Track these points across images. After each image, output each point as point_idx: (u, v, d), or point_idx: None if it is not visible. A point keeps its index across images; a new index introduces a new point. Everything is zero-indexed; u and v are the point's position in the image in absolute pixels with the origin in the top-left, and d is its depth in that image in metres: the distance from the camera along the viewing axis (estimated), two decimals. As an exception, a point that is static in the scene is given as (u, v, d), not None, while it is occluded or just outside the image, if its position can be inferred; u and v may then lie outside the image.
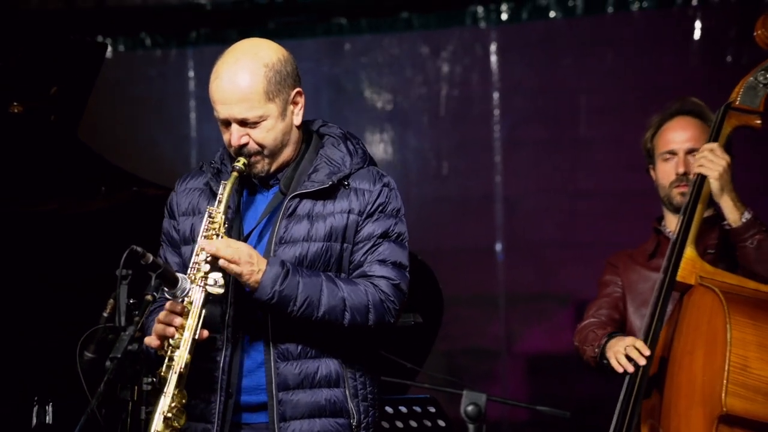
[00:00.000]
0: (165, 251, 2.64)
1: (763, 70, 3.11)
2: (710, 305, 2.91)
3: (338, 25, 5.54)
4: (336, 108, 5.44)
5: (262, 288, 2.44)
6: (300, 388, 2.50)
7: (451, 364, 5.28)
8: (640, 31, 5.17)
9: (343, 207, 2.55)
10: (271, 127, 2.54)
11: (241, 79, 2.50)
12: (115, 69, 5.40)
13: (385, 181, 2.59)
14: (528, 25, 5.28)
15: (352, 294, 2.49)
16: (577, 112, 5.22)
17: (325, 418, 2.51)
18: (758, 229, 3.07)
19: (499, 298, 5.29)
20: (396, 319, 2.55)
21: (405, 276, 2.56)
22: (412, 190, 5.39)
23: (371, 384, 2.58)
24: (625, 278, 3.31)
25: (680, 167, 3.25)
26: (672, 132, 3.29)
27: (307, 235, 2.53)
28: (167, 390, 2.38)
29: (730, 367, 2.80)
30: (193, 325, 2.43)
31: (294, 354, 2.51)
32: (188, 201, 2.62)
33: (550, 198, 5.25)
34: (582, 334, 3.24)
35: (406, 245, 2.60)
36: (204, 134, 5.59)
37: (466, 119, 5.37)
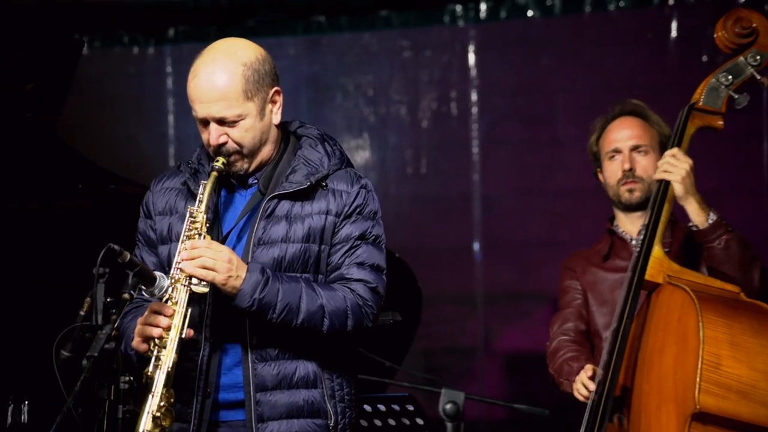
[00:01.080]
0: (141, 251, 2.63)
1: (725, 71, 3.14)
2: (680, 303, 2.92)
3: (317, 23, 5.53)
4: (315, 106, 5.43)
5: (242, 296, 2.45)
6: (278, 389, 2.50)
7: (430, 363, 5.28)
8: (618, 30, 5.20)
9: (321, 208, 2.55)
10: (250, 126, 2.54)
11: (219, 78, 2.50)
12: (93, 66, 5.37)
13: (362, 182, 2.60)
14: (506, 23, 5.29)
15: (330, 300, 2.49)
16: (555, 111, 5.24)
17: (303, 419, 2.51)
18: (724, 229, 3.10)
19: (477, 297, 5.30)
20: (374, 323, 2.56)
21: (382, 279, 2.57)
22: (391, 188, 5.39)
23: (348, 385, 2.59)
24: (584, 281, 3.35)
25: (626, 164, 3.30)
26: (615, 132, 3.34)
27: (286, 237, 2.53)
28: (155, 389, 2.38)
29: (702, 365, 2.81)
30: (179, 324, 2.42)
31: (272, 355, 2.51)
32: (165, 201, 2.62)
33: (529, 197, 5.27)
34: (555, 362, 3.28)
35: (383, 248, 2.61)
36: (182, 132, 5.57)
37: (445, 118, 5.38)
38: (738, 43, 3.15)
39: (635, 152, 3.31)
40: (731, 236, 3.10)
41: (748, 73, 3.12)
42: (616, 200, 3.35)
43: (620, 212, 3.36)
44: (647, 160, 3.29)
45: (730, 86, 3.13)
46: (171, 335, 2.41)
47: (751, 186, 4.90)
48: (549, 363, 3.31)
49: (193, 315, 2.45)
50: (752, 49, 3.13)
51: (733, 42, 3.15)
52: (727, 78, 3.13)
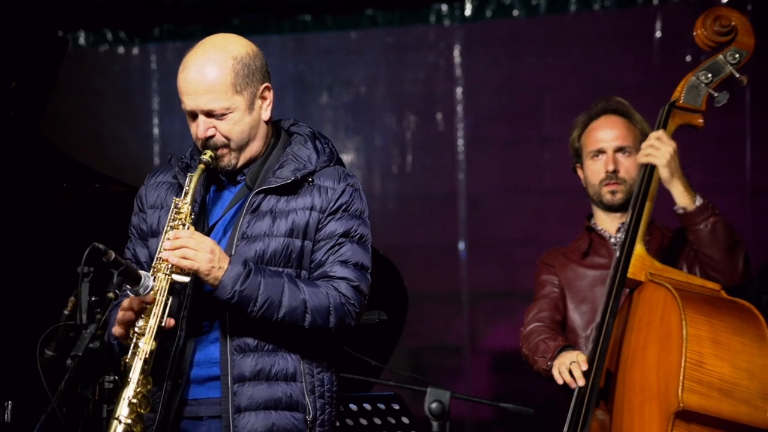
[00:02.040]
0: (134, 245, 2.63)
1: (705, 69, 3.15)
2: (663, 301, 2.92)
3: (303, 21, 5.53)
4: (301, 104, 5.43)
5: (223, 287, 2.44)
6: (256, 380, 2.50)
7: (416, 362, 5.28)
8: (602, 29, 5.21)
9: (305, 203, 2.55)
10: (238, 119, 2.54)
11: (208, 71, 2.51)
12: (78, 65, 5.35)
13: (350, 181, 2.59)
14: (492, 23, 5.30)
15: (313, 296, 2.49)
16: (540, 110, 5.25)
17: (281, 411, 2.50)
18: (711, 212, 3.11)
19: (463, 296, 5.30)
20: (357, 322, 2.55)
21: (366, 278, 2.56)
22: (376, 187, 5.39)
23: (330, 381, 2.57)
24: (562, 277, 3.34)
25: (609, 165, 3.30)
26: (600, 131, 3.34)
27: (269, 231, 2.52)
28: (132, 376, 2.39)
29: (686, 364, 2.81)
30: (159, 312, 2.43)
31: (251, 347, 2.51)
32: (156, 194, 2.62)
33: (514, 196, 5.28)
34: (530, 342, 3.26)
35: (369, 247, 2.60)
36: (167, 130, 5.56)
37: (430, 117, 5.38)
38: (717, 41, 3.16)
39: (619, 153, 3.32)
40: (717, 219, 3.10)
41: (727, 71, 3.14)
42: (597, 200, 3.36)
43: (600, 210, 3.37)
44: (630, 162, 3.30)
45: (709, 84, 3.14)
46: (150, 323, 2.41)
47: (735, 185, 4.92)
48: (523, 345, 3.28)
49: (171, 305, 2.45)
50: (731, 47, 3.15)
51: (712, 40, 3.16)
52: (707, 76, 3.14)
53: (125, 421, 2.37)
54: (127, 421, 2.37)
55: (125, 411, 2.37)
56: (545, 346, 3.18)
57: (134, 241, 2.64)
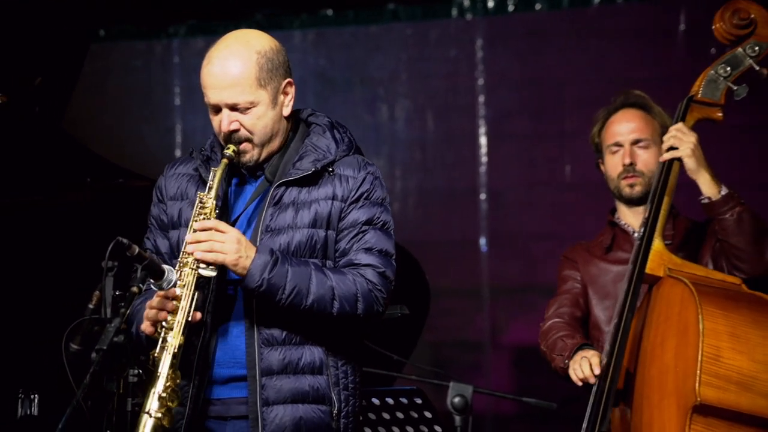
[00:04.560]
0: (154, 236, 2.63)
1: (723, 63, 3.13)
2: (680, 296, 2.91)
3: (324, 16, 5.52)
4: (322, 99, 5.42)
5: (251, 275, 2.44)
6: (283, 374, 2.50)
7: (437, 356, 5.27)
8: (626, 23, 5.18)
9: (327, 193, 2.55)
10: (262, 114, 2.54)
11: (232, 65, 2.51)
12: (101, 60, 5.37)
13: (370, 169, 2.59)
14: (514, 16, 5.27)
15: (340, 283, 2.49)
16: (562, 104, 5.22)
17: (307, 404, 2.51)
18: (737, 201, 3.09)
19: (484, 291, 5.29)
20: (385, 308, 2.55)
21: (391, 264, 2.56)
22: (397, 182, 5.38)
23: (353, 373, 2.58)
24: (585, 272, 3.33)
25: (626, 158, 3.28)
26: (617, 124, 3.33)
27: (292, 223, 2.52)
28: (161, 370, 2.39)
29: (703, 358, 2.80)
30: (186, 306, 2.43)
31: (278, 340, 2.51)
32: (177, 186, 2.62)
33: (535, 191, 5.26)
34: (548, 339, 3.25)
35: (392, 234, 2.60)
36: (189, 125, 5.57)
37: (452, 111, 5.36)
38: (736, 34, 3.13)
39: (636, 146, 3.30)
40: (743, 208, 3.08)
41: (746, 64, 3.11)
42: (617, 194, 3.34)
43: (622, 205, 3.35)
44: (648, 154, 3.28)
45: (728, 78, 3.12)
46: (178, 318, 2.41)
47: (759, 181, 4.88)
48: (541, 341, 3.28)
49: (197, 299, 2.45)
50: (750, 40, 3.12)
51: (731, 33, 3.14)
52: (726, 69, 3.12)
53: (155, 415, 2.37)
54: (157, 415, 2.37)
55: (155, 405, 2.38)
56: (563, 344, 3.18)
57: (154, 231, 2.63)
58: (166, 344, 2.41)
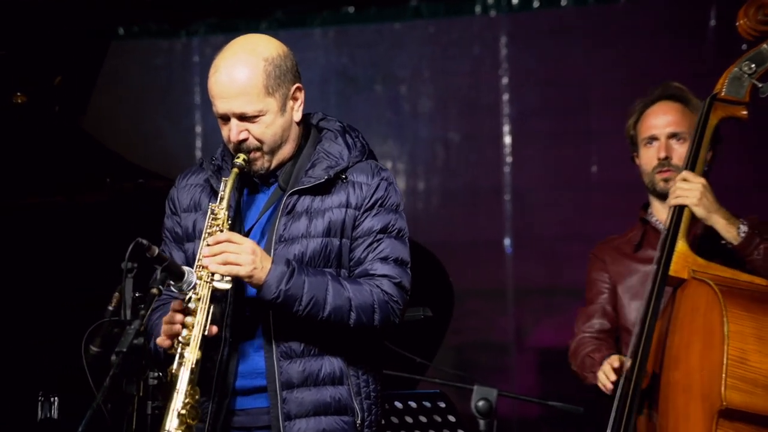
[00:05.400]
0: (170, 248, 2.62)
1: (748, 60, 3.09)
2: (705, 299, 2.88)
3: (346, 14, 5.50)
4: (344, 98, 5.40)
5: (267, 287, 2.42)
6: (304, 386, 2.48)
7: (461, 359, 5.25)
8: (653, 19, 5.12)
9: (341, 201, 2.53)
10: (271, 122, 2.52)
11: (239, 73, 2.48)
12: (121, 58, 5.36)
13: (383, 175, 2.57)
14: (539, 13, 5.24)
15: (357, 294, 2.47)
16: (588, 102, 5.19)
17: (330, 416, 2.49)
18: (759, 239, 3.04)
19: (508, 292, 5.26)
20: (401, 319, 2.53)
21: (407, 273, 2.55)
22: (420, 182, 5.36)
23: (374, 381, 2.56)
24: (613, 272, 3.29)
25: (661, 152, 3.23)
26: (653, 117, 3.27)
27: (306, 232, 2.51)
28: (179, 387, 2.37)
29: (728, 361, 2.77)
30: (202, 321, 2.41)
31: (297, 352, 2.49)
32: (189, 197, 2.61)
33: (560, 190, 5.22)
34: (578, 358, 3.23)
35: (407, 241, 2.59)
36: (209, 125, 5.57)
37: (475, 110, 5.33)
38: (761, 30, 3.10)
39: (673, 140, 3.24)
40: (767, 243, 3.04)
41: None
42: (651, 188, 3.28)
43: (655, 200, 3.30)
44: (684, 149, 3.21)
45: (753, 75, 3.08)
46: (194, 332, 2.40)
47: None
48: (571, 362, 3.27)
49: (214, 313, 2.43)
50: None
51: (756, 29, 3.11)
52: (750, 67, 3.08)
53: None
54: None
55: (175, 423, 2.36)
56: (591, 361, 3.16)
57: (169, 244, 2.62)
58: (183, 360, 2.39)
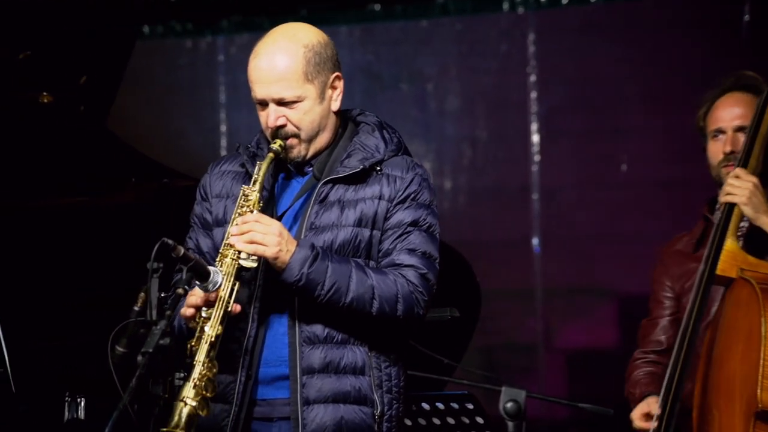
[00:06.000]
0: (197, 234, 2.61)
1: None
2: (746, 299, 2.85)
3: (371, 11, 5.50)
4: (369, 96, 5.39)
5: (290, 269, 2.42)
6: (325, 373, 2.47)
7: (489, 360, 5.22)
8: (684, 14, 5.06)
9: (374, 193, 2.53)
10: (309, 109, 2.52)
11: (279, 59, 2.49)
12: (145, 58, 5.36)
13: (418, 170, 2.56)
14: (567, 9, 5.20)
15: (381, 283, 2.46)
16: (617, 99, 5.14)
17: (349, 404, 2.47)
18: None
19: (537, 292, 5.22)
20: (425, 311, 2.52)
21: (434, 267, 2.53)
22: (447, 181, 5.34)
23: (397, 376, 2.53)
24: (674, 275, 3.22)
25: (727, 146, 3.12)
26: (721, 109, 3.16)
27: (337, 222, 2.50)
28: (198, 358, 2.36)
29: (764, 362, 2.73)
30: (225, 297, 2.40)
31: (320, 338, 2.48)
32: (222, 184, 2.61)
33: (589, 189, 5.19)
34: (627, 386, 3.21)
35: (437, 237, 2.57)
36: (234, 124, 5.57)
37: (503, 108, 5.31)
38: None
39: (740, 133, 3.11)
40: None
41: None
42: (718, 182, 3.17)
43: None
44: None
45: None
46: (217, 308, 2.39)
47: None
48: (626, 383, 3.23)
49: (241, 295, 2.43)
50: None
51: None
52: None
53: (190, 403, 2.33)
54: (193, 404, 2.33)
55: (190, 393, 2.33)
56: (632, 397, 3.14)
57: (197, 230, 2.61)
58: (203, 334, 2.37)
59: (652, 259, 3.29)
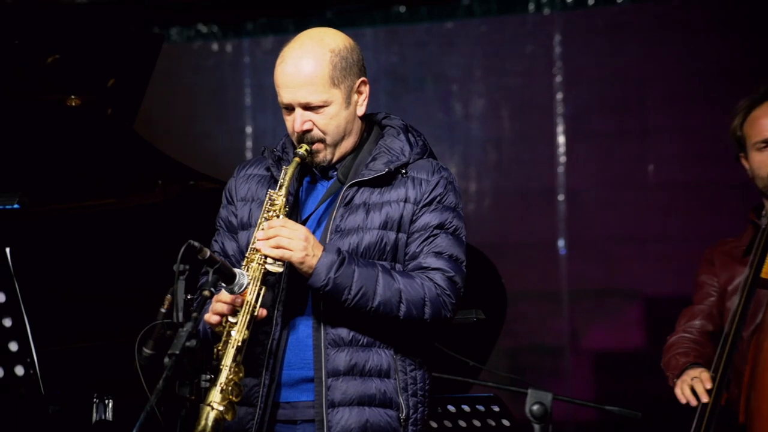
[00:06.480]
0: (222, 238, 2.62)
1: None
2: None
3: (397, 13, 5.49)
4: (393, 98, 5.38)
5: (317, 274, 2.42)
6: (350, 375, 2.47)
7: (515, 362, 5.20)
8: (712, 13, 5.02)
9: (399, 196, 2.53)
10: (335, 113, 2.52)
11: (306, 64, 2.50)
12: (171, 60, 5.39)
13: (444, 173, 2.56)
14: (593, 10, 5.17)
15: (408, 286, 2.46)
16: (644, 100, 5.10)
17: (374, 407, 2.48)
18: None
19: (563, 294, 5.19)
20: (453, 314, 2.51)
21: (461, 270, 2.53)
22: (472, 182, 5.32)
23: (422, 379, 2.54)
24: (723, 277, 3.18)
25: None
26: (764, 119, 3.10)
27: (363, 224, 2.51)
28: (224, 363, 2.37)
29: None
30: (252, 301, 2.41)
31: (345, 341, 2.48)
32: (247, 187, 2.61)
33: (616, 191, 5.16)
34: (667, 356, 3.16)
35: (463, 240, 2.56)
36: (259, 126, 5.58)
37: (528, 109, 5.28)
38: None
39: None
40: None
41: None
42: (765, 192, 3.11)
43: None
44: None
45: None
46: (243, 313, 2.40)
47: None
48: (663, 355, 3.18)
49: (266, 298, 2.44)
50: None
51: None
52: None
53: (217, 408, 2.34)
54: (219, 408, 2.34)
55: (217, 397, 2.34)
56: (675, 362, 3.08)
57: (222, 233, 2.62)
58: (230, 338, 2.38)
59: (679, 260, 3.27)
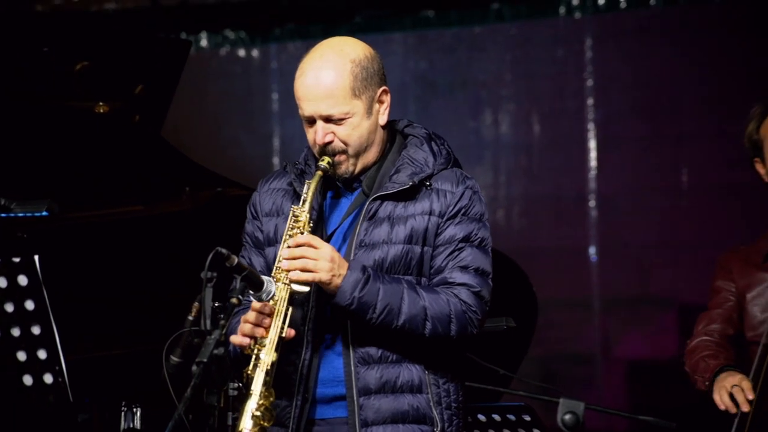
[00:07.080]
0: (249, 253, 2.60)
1: None
2: None
3: (426, 18, 5.47)
4: (422, 103, 5.36)
5: (342, 293, 2.41)
6: (381, 393, 2.45)
7: (546, 370, 5.15)
8: (745, 17, 4.96)
9: (424, 208, 2.50)
10: (357, 124, 2.50)
11: (326, 75, 2.46)
12: (199, 67, 5.40)
13: (468, 183, 2.53)
14: (625, 14, 5.12)
15: (433, 303, 2.44)
16: (677, 105, 5.05)
17: (408, 424, 2.45)
18: None
19: (594, 302, 5.14)
20: (479, 330, 2.48)
21: (487, 284, 2.51)
22: (502, 188, 5.29)
23: (455, 391, 2.51)
24: (740, 283, 3.14)
25: None
26: None
27: (387, 238, 2.48)
28: (254, 388, 2.35)
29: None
30: (279, 323, 2.39)
31: (375, 358, 2.46)
32: (272, 201, 2.59)
33: (648, 197, 5.11)
34: (692, 359, 3.11)
35: (489, 251, 2.54)
36: (287, 132, 5.57)
37: (559, 114, 5.24)
38: None
39: None
40: None
41: None
42: None
43: None
44: None
45: None
46: (271, 335, 2.38)
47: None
48: (686, 360, 3.14)
49: (295, 317, 2.43)
50: None
51: None
52: None
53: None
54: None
55: (249, 424, 2.33)
56: (705, 365, 3.04)
57: (249, 249, 2.60)
58: (259, 361, 2.37)
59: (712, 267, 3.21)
